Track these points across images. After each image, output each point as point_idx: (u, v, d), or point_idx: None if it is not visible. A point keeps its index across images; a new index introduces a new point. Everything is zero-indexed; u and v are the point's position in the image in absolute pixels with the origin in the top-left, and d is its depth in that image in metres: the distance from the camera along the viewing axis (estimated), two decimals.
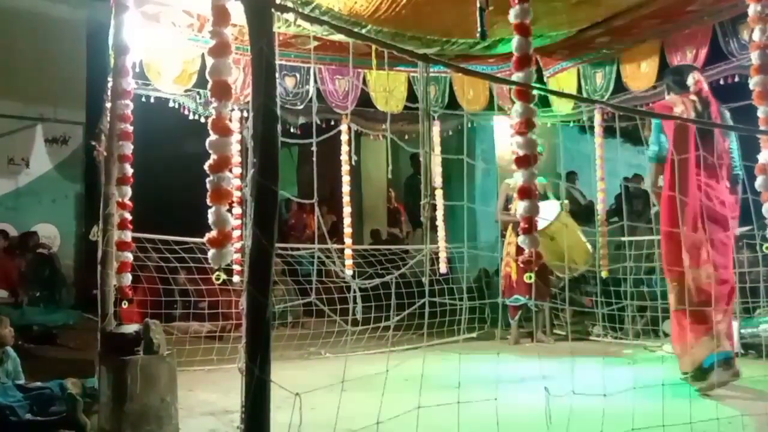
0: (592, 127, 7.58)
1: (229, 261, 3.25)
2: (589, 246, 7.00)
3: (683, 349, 4.73)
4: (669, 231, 4.65)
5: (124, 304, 4.27)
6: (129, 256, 4.43)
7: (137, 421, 3.67)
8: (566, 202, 7.32)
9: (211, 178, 3.16)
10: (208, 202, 3.17)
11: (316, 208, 6.40)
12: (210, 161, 3.18)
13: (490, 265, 9.08)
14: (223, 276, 5.88)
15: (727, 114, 5.03)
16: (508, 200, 7.38)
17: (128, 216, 4.40)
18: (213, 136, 3.20)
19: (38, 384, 4.21)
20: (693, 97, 4.88)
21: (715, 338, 4.41)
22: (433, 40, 6.21)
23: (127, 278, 4.36)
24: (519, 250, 7.00)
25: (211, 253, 3.13)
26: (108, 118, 4.34)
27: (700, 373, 4.56)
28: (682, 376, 4.77)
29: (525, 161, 3.71)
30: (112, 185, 4.19)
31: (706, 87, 5.01)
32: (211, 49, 3.26)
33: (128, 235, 4.43)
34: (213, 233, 3.12)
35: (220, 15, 3.24)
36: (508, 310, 7.36)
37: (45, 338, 6.78)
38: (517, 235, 6.28)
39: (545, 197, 7.18)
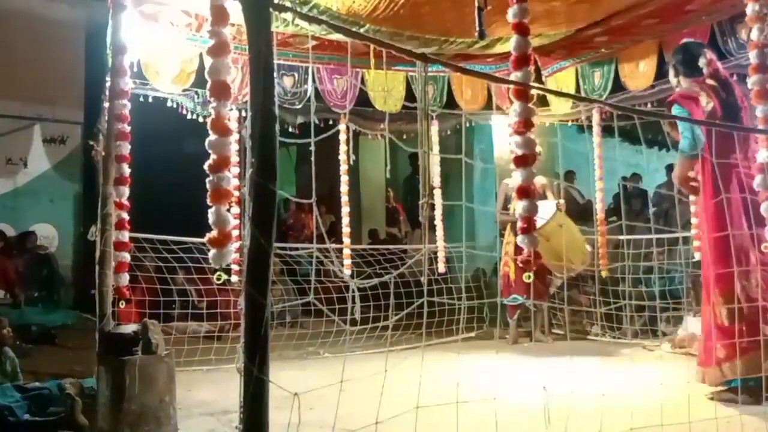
0: (590, 127, 7.58)
1: (229, 261, 3.25)
2: (587, 246, 7.01)
3: (710, 360, 4.35)
4: (717, 237, 4.23)
5: (122, 304, 4.26)
6: (126, 256, 4.42)
7: (136, 422, 3.67)
8: (562, 201, 7.31)
9: (210, 178, 3.16)
10: (208, 202, 3.16)
11: (315, 208, 6.41)
12: (209, 161, 3.17)
13: (489, 264, 9.08)
14: (224, 276, 5.87)
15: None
16: (507, 200, 7.39)
17: (126, 216, 4.39)
18: (212, 136, 3.20)
19: (37, 384, 4.21)
20: (711, 82, 4.49)
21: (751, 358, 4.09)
22: (432, 39, 6.21)
23: (125, 278, 4.36)
24: (517, 250, 7.01)
25: (211, 253, 3.12)
26: (106, 118, 4.34)
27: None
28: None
29: (523, 161, 3.71)
30: (110, 185, 4.18)
31: (721, 67, 4.65)
32: (210, 48, 3.25)
33: (125, 235, 4.42)
34: (213, 233, 3.12)
35: (219, 14, 3.24)
36: (506, 309, 7.37)
37: (43, 338, 6.78)
38: (516, 234, 6.28)
39: (544, 197, 7.19)
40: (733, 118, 4.40)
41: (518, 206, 3.74)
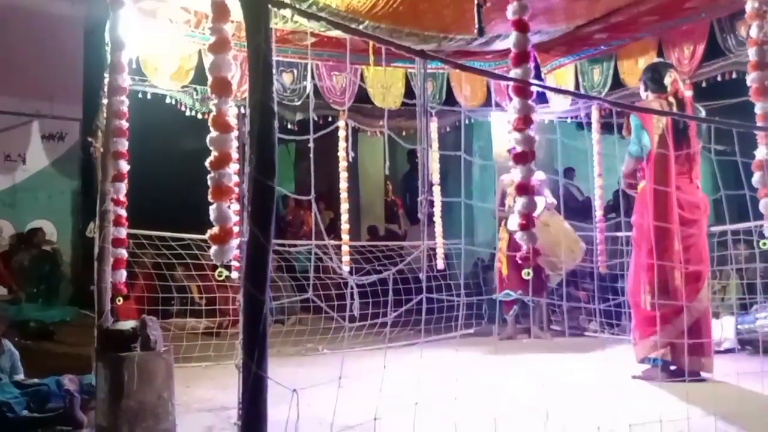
0: (589, 124, 7.58)
1: (230, 257, 3.25)
2: (580, 244, 7.00)
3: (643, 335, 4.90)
4: (660, 227, 4.67)
5: (118, 301, 4.25)
6: (123, 253, 4.41)
7: (134, 418, 3.67)
8: (551, 200, 7.27)
9: (212, 174, 3.16)
10: (210, 199, 3.16)
11: (314, 205, 6.40)
12: (211, 158, 3.17)
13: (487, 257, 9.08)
14: (225, 272, 5.87)
15: (703, 112, 5.17)
16: (504, 196, 7.42)
17: (123, 213, 4.38)
18: (213, 133, 3.20)
19: (35, 380, 4.21)
20: (671, 99, 4.92)
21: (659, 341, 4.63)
22: (431, 36, 6.21)
23: (122, 275, 4.35)
24: (510, 246, 7.03)
25: (213, 249, 3.12)
26: (104, 115, 4.33)
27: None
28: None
29: (523, 157, 3.71)
30: (108, 182, 4.17)
31: (681, 87, 5.06)
32: (211, 45, 3.25)
33: (123, 232, 4.41)
34: (215, 230, 3.12)
35: (220, 11, 3.24)
36: (503, 306, 7.37)
37: (42, 334, 6.76)
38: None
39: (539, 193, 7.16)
40: (681, 134, 4.81)
41: (517, 202, 3.74)
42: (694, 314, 4.68)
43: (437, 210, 8.09)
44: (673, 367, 4.72)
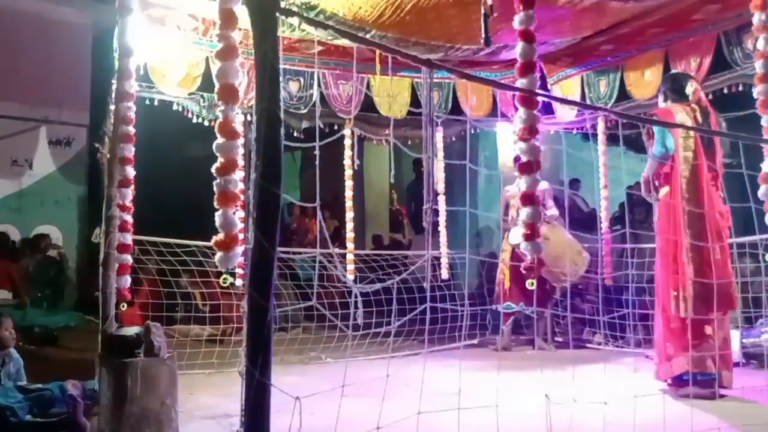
0: (595, 135, 7.58)
1: (235, 264, 3.24)
2: (584, 255, 6.98)
3: (665, 355, 4.85)
4: (696, 236, 4.70)
5: (122, 307, 4.26)
6: (128, 259, 4.41)
7: (137, 424, 3.67)
8: (550, 213, 7.25)
9: (218, 181, 3.16)
10: (215, 205, 3.16)
11: (319, 213, 6.41)
12: (217, 164, 3.17)
13: (490, 271, 9.07)
14: (230, 279, 5.89)
15: (724, 124, 5.27)
16: (508, 207, 7.42)
17: (128, 218, 4.38)
18: (220, 139, 3.20)
19: (39, 385, 4.21)
20: (694, 106, 4.98)
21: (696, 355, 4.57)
22: (437, 45, 6.22)
23: (126, 280, 4.34)
24: (513, 257, 7.02)
25: (218, 256, 3.12)
26: (111, 121, 4.35)
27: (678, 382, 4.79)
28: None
29: (528, 168, 3.71)
30: (114, 187, 4.19)
31: (704, 96, 5.11)
32: (218, 52, 3.26)
33: (128, 238, 4.41)
34: (220, 236, 3.12)
35: (228, 19, 3.25)
36: (502, 316, 7.36)
37: (46, 339, 6.78)
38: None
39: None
40: (709, 141, 4.88)
41: (522, 213, 3.74)
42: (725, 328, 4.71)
43: (442, 219, 8.08)
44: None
